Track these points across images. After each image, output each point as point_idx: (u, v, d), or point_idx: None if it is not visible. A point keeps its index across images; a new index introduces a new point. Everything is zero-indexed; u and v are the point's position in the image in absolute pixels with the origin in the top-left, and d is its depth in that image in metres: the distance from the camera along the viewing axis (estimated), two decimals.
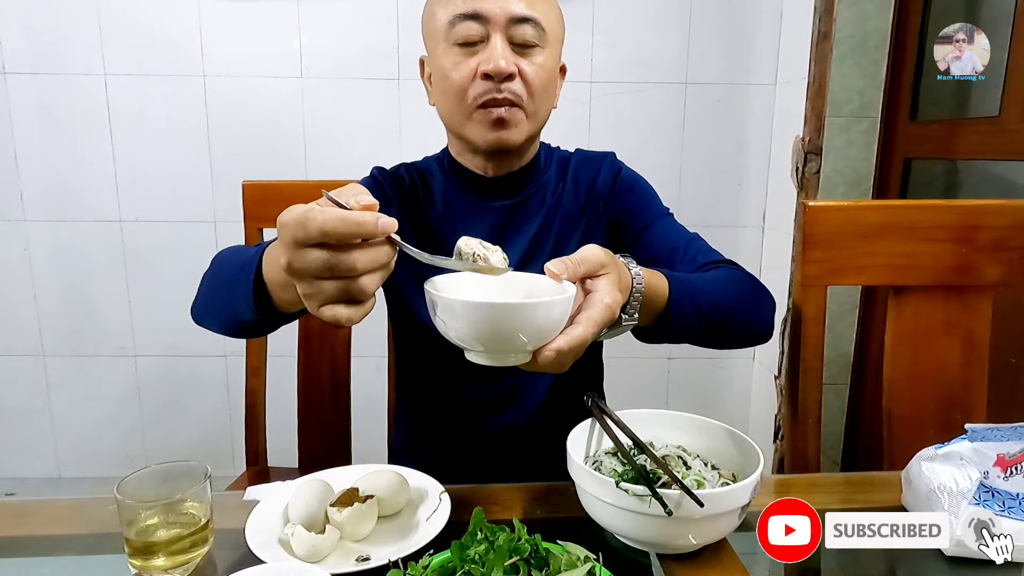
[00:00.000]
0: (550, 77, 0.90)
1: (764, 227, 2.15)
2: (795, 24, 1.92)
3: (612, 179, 1.00)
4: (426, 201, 0.98)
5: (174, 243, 2.07)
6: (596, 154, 1.04)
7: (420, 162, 1.03)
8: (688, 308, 0.75)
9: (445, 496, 0.72)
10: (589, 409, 0.80)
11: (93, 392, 2.18)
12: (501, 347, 0.58)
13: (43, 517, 0.76)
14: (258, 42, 1.97)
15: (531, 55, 0.87)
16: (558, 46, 0.92)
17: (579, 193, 0.99)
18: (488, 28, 0.85)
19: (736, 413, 2.25)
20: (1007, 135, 1.47)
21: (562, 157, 1.03)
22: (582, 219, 0.98)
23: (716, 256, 0.94)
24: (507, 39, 0.85)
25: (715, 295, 0.80)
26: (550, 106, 0.93)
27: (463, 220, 0.96)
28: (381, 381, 1.24)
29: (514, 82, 0.85)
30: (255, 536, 0.65)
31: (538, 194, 0.98)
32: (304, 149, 2.04)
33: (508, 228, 0.96)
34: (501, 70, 0.84)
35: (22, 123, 1.99)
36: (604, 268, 0.64)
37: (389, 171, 1.01)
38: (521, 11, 0.85)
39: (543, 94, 0.89)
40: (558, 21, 0.91)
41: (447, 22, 0.86)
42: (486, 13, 0.84)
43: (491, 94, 0.85)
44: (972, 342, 1.00)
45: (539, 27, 0.86)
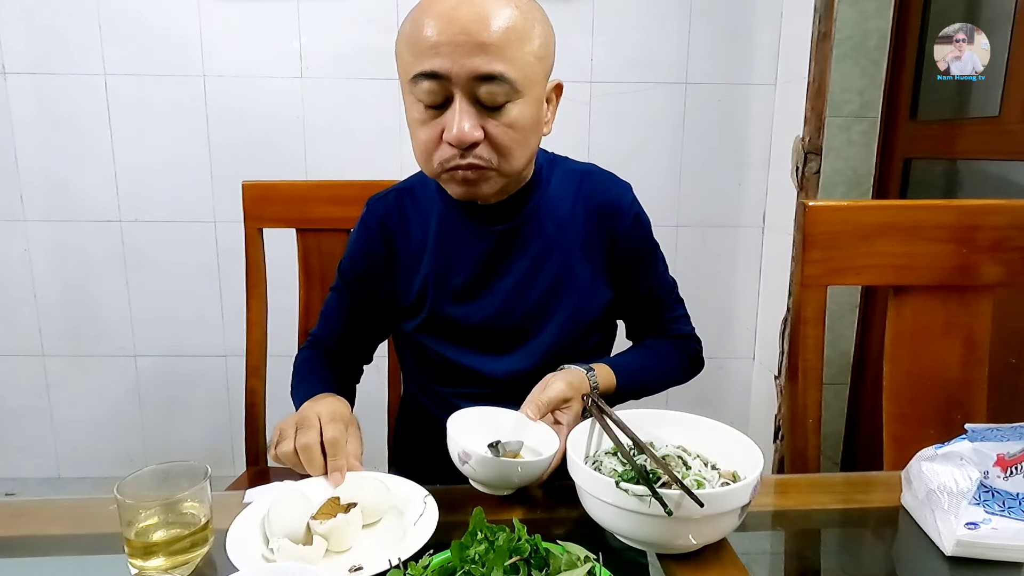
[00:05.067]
0: (527, 128, 0.82)
1: (764, 227, 2.15)
2: (795, 24, 1.92)
3: (631, 224, 0.95)
4: (419, 227, 0.96)
5: (174, 243, 2.07)
6: (614, 183, 0.97)
7: (418, 177, 1.00)
8: (628, 393, 0.95)
9: (430, 499, 0.71)
10: (589, 409, 0.80)
11: (93, 392, 2.18)
12: (503, 486, 0.77)
13: (43, 517, 0.76)
14: (258, 42, 1.97)
15: (500, 115, 0.79)
16: (539, 86, 0.83)
17: (590, 220, 0.94)
18: (450, 88, 0.77)
19: (736, 413, 2.25)
20: (1007, 135, 1.47)
21: (572, 170, 0.97)
22: (590, 251, 0.94)
23: (684, 329, 1.05)
24: (472, 99, 0.78)
25: (653, 379, 1.00)
26: (529, 153, 0.86)
27: (456, 247, 0.94)
28: (381, 381, 1.24)
29: (480, 147, 0.80)
30: (239, 558, 0.62)
31: (538, 215, 0.93)
32: (304, 149, 2.04)
33: (505, 254, 0.93)
34: (464, 139, 0.78)
35: (22, 123, 1.99)
36: (567, 402, 0.82)
37: (377, 204, 0.99)
38: (485, 68, 0.76)
39: (517, 150, 0.82)
40: (538, 59, 0.81)
41: (410, 79, 0.79)
42: (446, 73, 0.76)
43: (455, 160, 0.80)
44: (972, 342, 1.00)
45: (507, 82, 0.77)
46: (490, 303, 0.94)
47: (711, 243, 2.16)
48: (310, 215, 1.19)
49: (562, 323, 0.94)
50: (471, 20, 0.75)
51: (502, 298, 0.94)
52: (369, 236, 0.98)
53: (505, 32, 0.76)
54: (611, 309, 0.99)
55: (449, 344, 0.96)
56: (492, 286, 0.94)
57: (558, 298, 0.94)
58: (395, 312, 1.00)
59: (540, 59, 0.82)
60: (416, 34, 0.78)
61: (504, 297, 0.94)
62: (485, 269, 0.93)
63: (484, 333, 0.95)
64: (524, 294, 0.93)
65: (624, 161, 2.07)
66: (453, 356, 0.96)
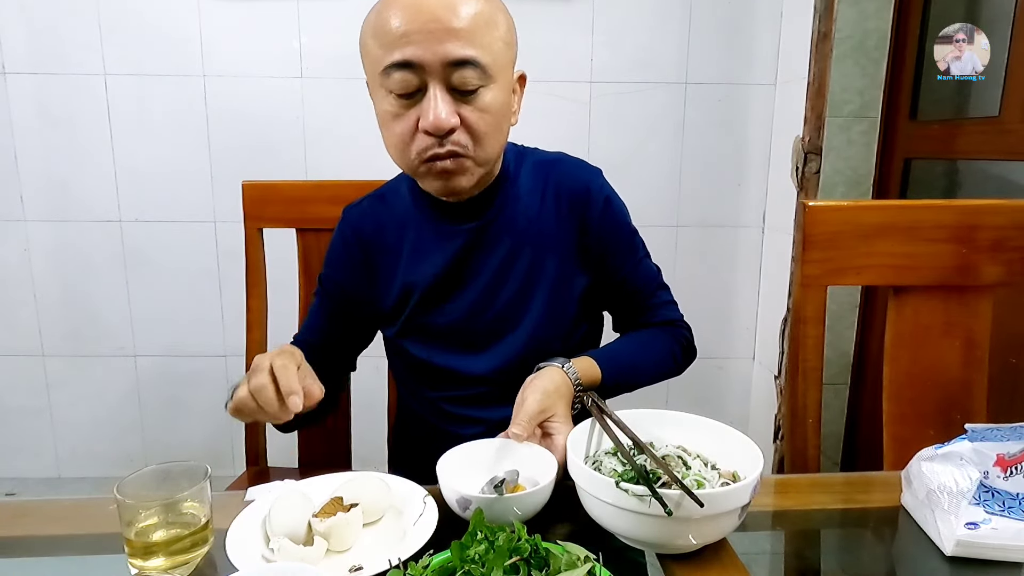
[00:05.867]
0: (499, 114, 0.84)
1: (764, 227, 2.15)
2: (795, 24, 1.92)
3: (601, 209, 0.94)
4: (393, 233, 0.96)
5: (174, 243, 2.07)
6: (582, 170, 0.97)
7: (389, 186, 1.01)
8: (617, 384, 0.92)
9: (430, 499, 0.71)
10: (589, 409, 0.80)
11: (93, 392, 2.18)
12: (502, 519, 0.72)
13: (43, 517, 0.76)
14: (258, 42, 1.97)
15: (474, 99, 0.80)
16: (508, 72, 0.85)
17: (560, 210, 0.94)
18: (424, 76, 0.78)
19: (736, 413, 2.25)
20: (1007, 135, 1.47)
21: (540, 161, 0.97)
22: (561, 241, 0.94)
23: (671, 315, 1.03)
24: (446, 86, 0.79)
25: (643, 368, 0.97)
26: (502, 141, 0.87)
27: (428, 248, 0.94)
28: (381, 381, 1.24)
29: (457, 133, 0.80)
30: (239, 558, 0.63)
31: (507, 210, 0.93)
32: (304, 149, 2.04)
33: (475, 251, 0.93)
34: (441, 126, 0.79)
35: (22, 123, 1.99)
36: (547, 412, 0.80)
37: (352, 213, 1.00)
38: (458, 53, 0.77)
39: (492, 136, 0.84)
40: (505, 44, 0.83)
41: (381, 71, 0.79)
42: (419, 61, 0.77)
43: (433, 149, 0.81)
44: (972, 342, 1.00)
45: (479, 67, 0.78)
46: (463, 302, 0.94)
47: (711, 243, 2.16)
48: (310, 215, 1.19)
49: (537, 317, 0.94)
50: (439, 7, 0.77)
51: (475, 296, 0.94)
52: (345, 243, 0.99)
53: (474, 18, 0.78)
54: (590, 299, 0.98)
55: (428, 346, 0.97)
56: (465, 285, 0.94)
57: (531, 292, 0.94)
58: (375, 318, 1.01)
59: (507, 45, 0.84)
60: (384, 26, 0.78)
61: (477, 295, 0.94)
62: (457, 268, 0.93)
63: (460, 332, 0.95)
64: (496, 291, 0.93)
65: (624, 161, 2.07)
66: (433, 358, 0.97)
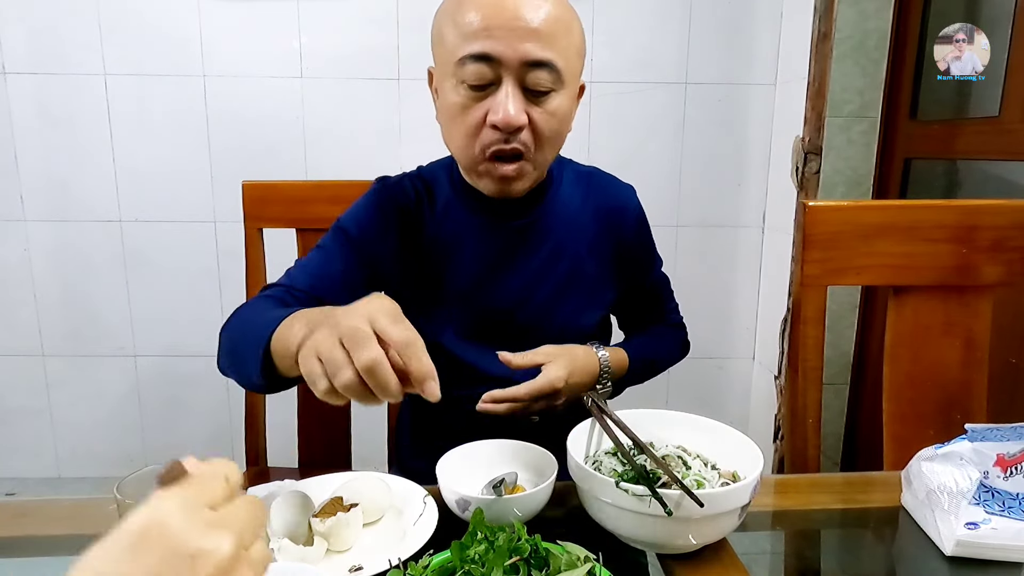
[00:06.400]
0: (564, 119, 0.84)
1: (764, 227, 2.15)
2: (795, 24, 1.92)
3: (637, 227, 1.00)
4: (431, 218, 0.94)
5: (174, 243, 2.07)
6: (617, 184, 1.01)
7: (427, 170, 0.99)
8: (640, 374, 0.99)
9: (430, 499, 0.71)
10: (589, 409, 0.80)
11: (93, 392, 2.18)
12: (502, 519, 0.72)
13: (43, 517, 0.76)
14: (258, 42, 1.97)
15: (544, 102, 0.81)
16: (576, 80, 0.86)
17: (598, 222, 0.96)
18: (500, 71, 0.78)
19: (736, 413, 2.25)
20: (1007, 135, 1.47)
21: (579, 172, 1.00)
22: (597, 251, 0.96)
23: (676, 319, 1.12)
24: (519, 84, 0.79)
25: (659, 359, 1.04)
26: (559, 147, 0.88)
27: (471, 242, 0.92)
28: None
29: (523, 132, 0.81)
30: None
31: (550, 213, 0.94)
32: (304, 149, 2.04)
33: (519, 249, 0.93)
34: (511, 123, 0.78)
35: (22, 123, 1.99)
36: (554, 384, 0.84)
37: (392, 184, 0.95)
38: (537, 54, 0.77)
39: (554, 140, 0.84)
40: (578, 53, 0.84)
41: (456, 60, 0.79)
42: (498, 56, 0.77)
43: (499, 144, 0.81)
44: (972, 342, 1.00)
45: (555, 70, 0.79)
46: (499, 299, 0.93)
47: (711, 243, 2.16)
48: (310, 215, 1.19)
49: (565, 322, 0.94)
50: (524, 6, 0.77)
51: (512, 295, 0.93)
52: (381, 208, 0.94)
53: (555, 21, 0.78)
54: (615, 306, 1.03)
55: (454, 339, 0.94)
56: (502, 282, 0.93)
57: (566, 297, 0.94)
58: (396, 292, 0.97)
59: (579, 54, 0.85)
60: (465, 16, 0.78)
61: (514, 294, 0.93)
62: (496, 265, 0.93)
63: (491, 329, 0.94)
64: (534, 291, 0.93)
65: (624, 161, 2.07)
66: (457, 351, 0.94)
